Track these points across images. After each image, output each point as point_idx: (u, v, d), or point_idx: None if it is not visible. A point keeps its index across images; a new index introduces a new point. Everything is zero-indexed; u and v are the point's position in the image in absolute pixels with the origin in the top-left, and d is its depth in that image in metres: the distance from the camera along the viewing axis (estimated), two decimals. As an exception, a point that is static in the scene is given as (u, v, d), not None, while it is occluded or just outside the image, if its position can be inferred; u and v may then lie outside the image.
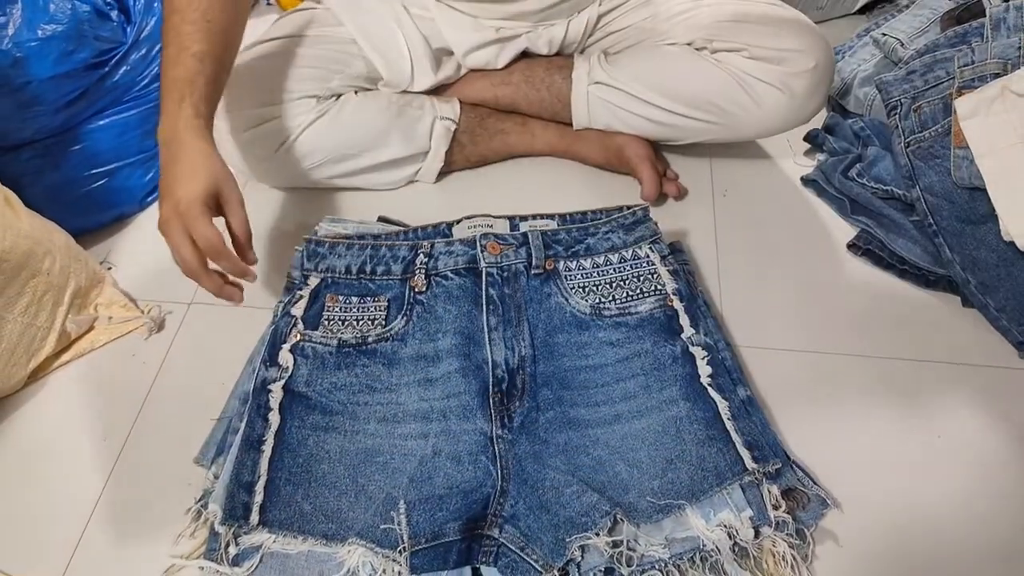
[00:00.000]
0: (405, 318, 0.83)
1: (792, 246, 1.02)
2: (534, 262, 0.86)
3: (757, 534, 0.70)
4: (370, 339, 0.82)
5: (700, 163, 1.12)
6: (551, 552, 0.67)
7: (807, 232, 1.04)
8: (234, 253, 0.76)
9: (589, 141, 1.10)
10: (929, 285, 0.97)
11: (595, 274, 0.86)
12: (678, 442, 0.74)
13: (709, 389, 0.77)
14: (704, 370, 0.78)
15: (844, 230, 1.04)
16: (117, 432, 0.85)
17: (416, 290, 0.85)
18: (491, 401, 0.77)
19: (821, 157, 1.12)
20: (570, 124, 1.09)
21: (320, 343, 0.81)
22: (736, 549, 0.70)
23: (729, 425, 0.74)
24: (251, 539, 0.71)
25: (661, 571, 0.70)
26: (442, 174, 1.11)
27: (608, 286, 0.86)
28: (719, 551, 0.69)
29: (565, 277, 0.86)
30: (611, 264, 0.87)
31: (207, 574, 0.71)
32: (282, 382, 0.78)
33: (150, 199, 1.11)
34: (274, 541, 0.71)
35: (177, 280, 0.98)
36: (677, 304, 0.84)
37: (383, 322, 0.83)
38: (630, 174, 1.08)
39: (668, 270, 0.87)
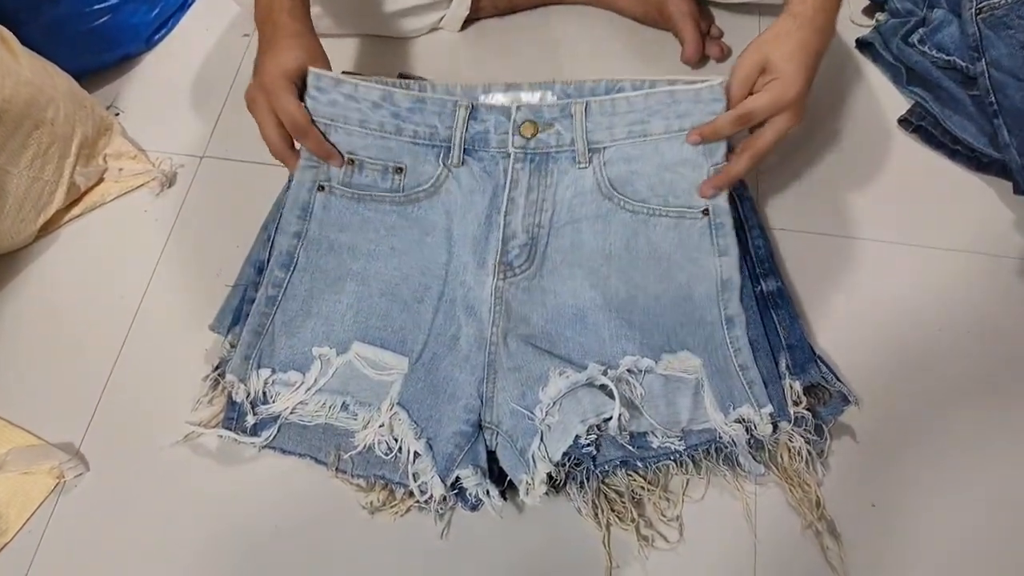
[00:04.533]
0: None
1: (839, 118, 0.95)
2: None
3: (775, 429, 0.70)
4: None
5: (748, 20, 1.03)
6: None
7: (857, 103, 0.97)
8: (319, 133, 0.74)
9: (627, -10, 1.00)
10: (981, 168, 0.91)
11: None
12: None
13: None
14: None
15: (896, 102, 0.96)
16: (132, 292, 0.84)
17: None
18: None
19: (881, 17, 1.03)
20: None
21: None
22: (752, 442, 0.70)
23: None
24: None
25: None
26: (467, 21, 1.03)
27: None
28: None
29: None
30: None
31: (226, 442, 0.73)
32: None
33: (157, 37, 1.04)
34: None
35: (188, 129, 0.96)
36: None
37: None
38: (670, 31, 1.00)
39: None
